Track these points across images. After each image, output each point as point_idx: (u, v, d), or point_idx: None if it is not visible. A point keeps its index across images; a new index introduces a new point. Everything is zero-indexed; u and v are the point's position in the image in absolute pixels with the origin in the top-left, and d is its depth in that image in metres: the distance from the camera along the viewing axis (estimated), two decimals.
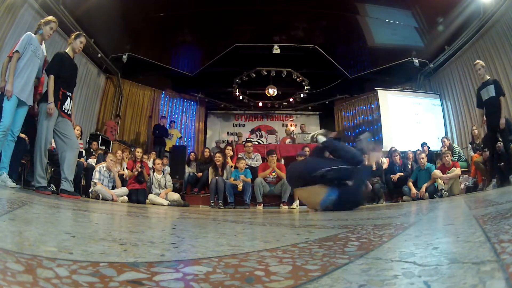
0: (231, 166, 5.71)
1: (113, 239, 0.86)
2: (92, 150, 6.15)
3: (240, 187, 5.17)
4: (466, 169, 5.73)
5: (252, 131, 10.93)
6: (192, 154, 6.97)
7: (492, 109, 4.33)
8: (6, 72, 3.02)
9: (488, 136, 4.54)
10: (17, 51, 3.07)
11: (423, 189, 5.02)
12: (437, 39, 7.09)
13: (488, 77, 4.55)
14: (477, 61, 4.75)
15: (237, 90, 9.43)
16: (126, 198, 4.89)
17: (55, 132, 3.23)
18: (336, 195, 3.02)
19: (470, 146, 6.17)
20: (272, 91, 9.20)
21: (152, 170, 5.52)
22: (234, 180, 5.34)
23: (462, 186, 5.23)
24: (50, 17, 3.41)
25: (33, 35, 3.20)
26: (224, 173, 5.56)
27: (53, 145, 3.63)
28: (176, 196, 5.40)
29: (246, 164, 5.67)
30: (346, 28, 7.48)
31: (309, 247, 0.84)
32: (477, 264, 0.48)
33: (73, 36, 3.45)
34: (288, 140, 8.64)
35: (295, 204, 5.14)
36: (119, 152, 5.59)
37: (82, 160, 4.94)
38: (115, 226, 1.41)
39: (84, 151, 5.66)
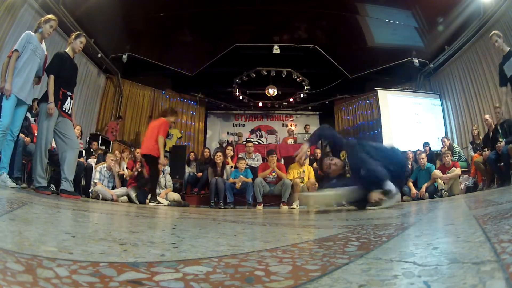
0: (231, 166, 5.72)
1: (113, 239, 0.86)
2: (92, 150, 6.15)
3: (238, 185, 5.16)
4: (466, 169, 5.73)
5: (252, 131, 10.92)
6: (192, 154, 6.97)
7: None
8: (6, 72, 3.01)
9: None
10: (16, 50, 3.06)
11: (423, 189, 5.02)
12: (437, 39, 7.08)
13: (509, 48, 3.91)
14: (493, 31, 4.07)
15: (237, 90, 9.42)
16: (126, 198, 4.89)
17: (55, 132, 3.23)
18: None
19: (470, 146, 6.16)
20: (272, 91, 9.19)
21: None
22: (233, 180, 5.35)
23: (462, 186, 5.23)
24: (50, 15, 3.40)
25: (32, 33, 3.19)
26: (224, 173, 5.56)
27: (53, 145, 3.63)
28: (176, 196, 5.40)
29: (246, 164, 5.67)
30: (346, 28, 7.47)
31: (309, 247, 0.84)
32: (477, 264, 0.48)
33: (73, 36, 3.45)
34: (290, 140, 8.63)
35: (295, 204, 5.14)
36: (117, 152, 5.57)
37: (82, 159, 4.94)
38: (115, 226, 1.41)
39: (84, 151, 5.66)
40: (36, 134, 3.45)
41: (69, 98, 3.35)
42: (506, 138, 4.55)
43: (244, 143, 7.45)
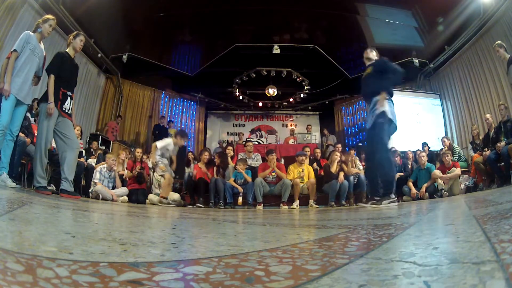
0: (232, 167, 5.72)
1: (113, 239, 0.86)
2: (92, 150, 6.14)
3: (240, 196, 5.21)
4: (466, 169, 5.73)
5: (252, 131, 10.92)
6: (190, 153, 6.93)
7: None
8: (5, 73, 3.01)
9: None
10: (15, 50, 3.06)
11: (423, 189, 5.02)
12: (437, 39, 7.08)
13: (508, 55, 4.13)
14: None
15: (237, 90, 9.43)
16: (126, 198, 4.89)
17: (55, 132, 3.23)
18: None
19: (470, 146, 6.16)
20: (272, 91, 9.20)
21: (152, 170, 5.51)
22: (234, 181, 5.35)
23: (462, 186, 5.23)
24: (49, 15, 3.41)
25: (31, 33, 3.19)
26: (225, 174, 5.56)
27: (53, 145, 3.63)
28: (176, 196, 5.39)
29: (246, 164, 5.68)
30: (346, 28, 7.47)
31: (309, 247, 0.84)
32: (477, 264, 0.48)
33: (72, 36, 3.45)
34: (291, 140, 8.62)
35: (295, 204, 5.14)
36: (122, 154, 5.50)
37: (82, 159, 4.94)
38: (115, 226, 1.41)
39: (84, 151, 5.66)
40: (36, 134, 3.45)
41: (69, 98, 3.35)
42: (508, 137, 4.55)
43: (244, 143, 7.44)
